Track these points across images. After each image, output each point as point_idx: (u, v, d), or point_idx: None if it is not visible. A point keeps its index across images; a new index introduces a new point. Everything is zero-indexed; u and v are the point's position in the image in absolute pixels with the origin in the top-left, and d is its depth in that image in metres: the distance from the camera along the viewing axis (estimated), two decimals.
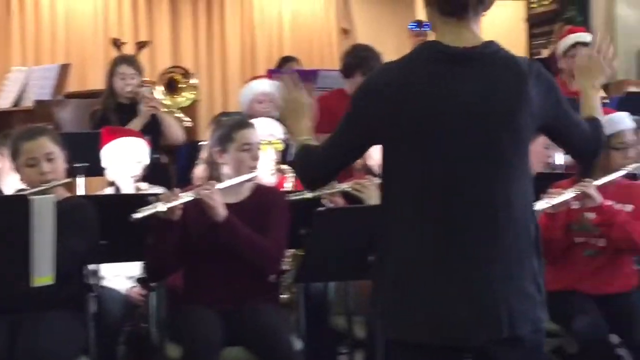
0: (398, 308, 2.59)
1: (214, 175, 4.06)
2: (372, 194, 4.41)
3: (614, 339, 4.22)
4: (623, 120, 4.36)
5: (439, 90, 2.53)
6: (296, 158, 2.86)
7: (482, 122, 2.52)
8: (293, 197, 4.28)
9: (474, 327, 2.54)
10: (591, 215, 4.16)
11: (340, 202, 4.35)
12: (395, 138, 2.57)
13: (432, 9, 2.64)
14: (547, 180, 4.20)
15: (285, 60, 8.39)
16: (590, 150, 2.81)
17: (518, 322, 2.56)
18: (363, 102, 2.63)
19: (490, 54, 2.58)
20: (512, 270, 2.56)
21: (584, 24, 7.77)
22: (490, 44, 2.60)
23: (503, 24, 9.26)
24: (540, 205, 3.76)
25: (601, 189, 4.09)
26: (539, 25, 9.76)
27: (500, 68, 2.56)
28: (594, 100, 2.92)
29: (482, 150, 2.53)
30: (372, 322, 3.85)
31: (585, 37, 6.05)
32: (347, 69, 5.78)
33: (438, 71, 2.55)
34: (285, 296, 4.45)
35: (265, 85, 5.95)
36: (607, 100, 5.55)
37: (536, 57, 8.99)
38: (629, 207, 4.22)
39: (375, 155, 3.68)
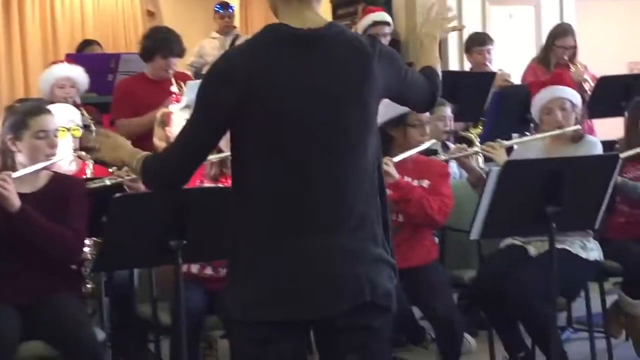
0: (245, 288, 2.58)
1: (8, 164, 3.93)
2: None
3: (416, 311, 4.34)
4: None
5: (286, 73, 2.54)
6: (144, 172, 2.75)
7: (330, 101, 2.56)
8: (93, 185, 4.18)
9: (320, 299, 2.56)
10: (389, 192, 4.25)
11: (141, 188, 4.27)
12: (245, 122, 2.56)
13: None
14: None
15: (86, 44, 8.15)
16: (428, 99, 2.94)
17: (367, 289, 2.58)
18: (210, 89, 2.60)
19: (335, 35, 2.61)
20: (357, 240, 2.59)
21: (387, 5, 7.91)
22: (334, 25, 2.64)
23: None
24: None
25: (399, 165, 4.19)
26: (343, 6, 9.87)
27: (346, 49, 2.59)
28: (433, 51, 3.06)
29: (331, 128, 2.56)
30: (177, 308, 3.81)
31: (381, 16, 6.27)
32: (147, 53, 5.68)
33: (284, 54, 2.55)
34: (90, 286, 4.34)
35: (66, 70, 5.77)
36: None
37: None
38: (425, 183, 4.34)
39: None
